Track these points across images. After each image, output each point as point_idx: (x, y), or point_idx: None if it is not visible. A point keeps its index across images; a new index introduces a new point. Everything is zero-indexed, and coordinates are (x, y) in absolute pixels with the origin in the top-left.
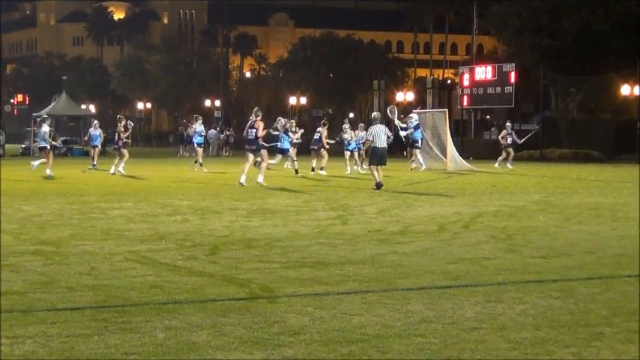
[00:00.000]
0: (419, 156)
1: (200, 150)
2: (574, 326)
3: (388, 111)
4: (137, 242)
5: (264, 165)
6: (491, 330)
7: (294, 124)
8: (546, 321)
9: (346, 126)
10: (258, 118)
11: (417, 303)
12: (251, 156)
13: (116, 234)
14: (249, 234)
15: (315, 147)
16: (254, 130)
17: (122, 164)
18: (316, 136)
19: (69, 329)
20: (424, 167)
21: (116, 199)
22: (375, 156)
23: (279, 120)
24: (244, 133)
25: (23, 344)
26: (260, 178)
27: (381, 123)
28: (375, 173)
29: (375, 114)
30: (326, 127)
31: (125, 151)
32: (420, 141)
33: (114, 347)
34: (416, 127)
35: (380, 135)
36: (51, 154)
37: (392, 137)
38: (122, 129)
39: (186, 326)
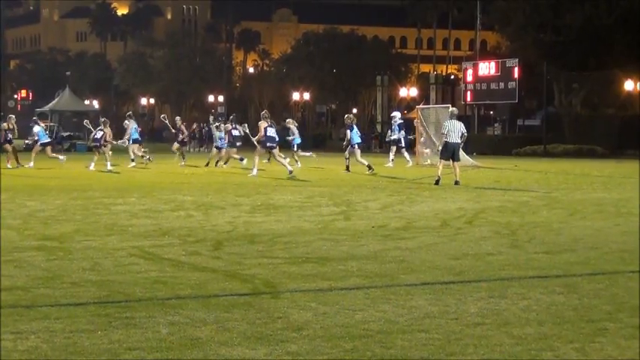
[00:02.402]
0: (405, 154)
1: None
2: (578, 322)
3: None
4: (140, 238)
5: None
6: (494, 325)
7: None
8: (550, 316)
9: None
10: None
11: (420, 298)
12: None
13: (119, 229)
14: (253, 229)
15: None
16: (273, 129)
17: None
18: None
19: (72, 325)
20: (410, 163)
21: (119, 195)
22: (446, 151)
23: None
24: (265, 133)
25: (27, 339)
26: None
27: (457, 119)
28: (441, 167)
29: (452, 109)
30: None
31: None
32: (402, 140)
33: (117, 342)
34: (399, 127)
35: (454, 131)
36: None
37: (466, 135)
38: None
39: (189, 322)
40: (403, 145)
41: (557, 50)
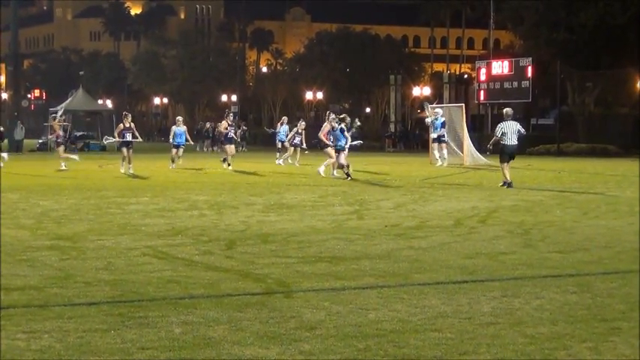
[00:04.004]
0: (444, 151)
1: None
2: (591, 321)
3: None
4: (154, 237)
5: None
6: (507, 325)
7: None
8: (563, 316)
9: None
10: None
11: (433, 298)
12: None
13: (133, 229)
14: (266, 229)
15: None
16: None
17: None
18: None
19: (85, 324)
20: (439, 163)
21: (133, 194)
22: (504, 154)
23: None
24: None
25: (40, 339)
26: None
27: (513, 119)
28: (506, 172)
29: (507, 110)
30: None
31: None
32: (445, 135)
33: (130, 342)
34: (442, 124)
35: (511, 132)
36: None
37: (524, 133)
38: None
39: (202, 321)
40: (446, 140)
41: (571, 49)
